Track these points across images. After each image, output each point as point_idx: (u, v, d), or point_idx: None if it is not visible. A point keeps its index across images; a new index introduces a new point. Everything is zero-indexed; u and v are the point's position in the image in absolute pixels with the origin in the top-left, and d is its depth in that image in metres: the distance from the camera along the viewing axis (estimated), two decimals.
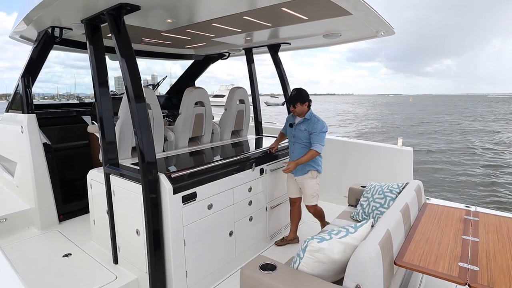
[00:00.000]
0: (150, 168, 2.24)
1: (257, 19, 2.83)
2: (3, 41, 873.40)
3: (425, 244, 1.95)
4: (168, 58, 5.02)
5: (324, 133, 3.01)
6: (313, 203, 3.23)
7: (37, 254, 3.02)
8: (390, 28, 3.08)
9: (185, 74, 5.56)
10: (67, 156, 4.06)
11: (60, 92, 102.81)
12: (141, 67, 2.60)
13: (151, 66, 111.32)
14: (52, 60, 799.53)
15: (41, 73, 3.63)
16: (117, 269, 2.72)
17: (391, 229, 1.90)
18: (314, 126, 3.00)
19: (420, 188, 2.82)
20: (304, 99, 3.01)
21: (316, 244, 1.70)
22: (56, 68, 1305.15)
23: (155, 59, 5.01)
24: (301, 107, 3.03)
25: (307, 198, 3.24)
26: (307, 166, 3.13)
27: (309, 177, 3.15)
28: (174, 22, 2.90)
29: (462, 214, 2.46)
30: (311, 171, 3.13)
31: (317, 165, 3.15)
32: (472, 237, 2.05)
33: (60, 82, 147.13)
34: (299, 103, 3.01)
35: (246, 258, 3.04)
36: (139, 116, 2.23)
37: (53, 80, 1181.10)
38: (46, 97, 54.47)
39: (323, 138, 3.01)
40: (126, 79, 2.24)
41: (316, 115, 3.11)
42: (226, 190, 2.80)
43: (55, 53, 12.00)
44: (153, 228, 2.27)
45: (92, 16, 2.53)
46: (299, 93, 3.04)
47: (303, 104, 3.02)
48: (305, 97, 3.02)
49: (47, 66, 58.17)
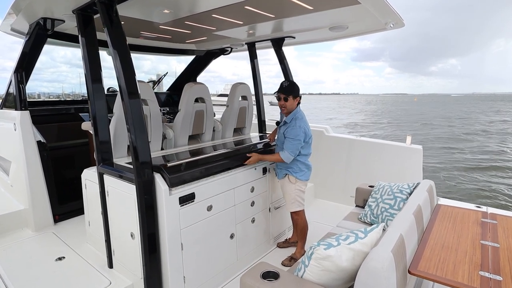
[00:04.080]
0: (144, 167, 2.10)
1: (259, 9, 2.67)
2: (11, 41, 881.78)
3: (441, 250, 1.80)
4: (169, 54, 4.87)
5: (298, 141, 2.70)
6: (293, 209, 2.96)
7: (29, 257, 2.90)
8: (399, 19, 2.91)
9: (187, 70, 5.42)
10: (64, 154, 3.94)
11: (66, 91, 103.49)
12: (146, 66, 2.47)
13: (156, 66, 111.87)
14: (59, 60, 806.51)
15: (47, 72, 3.62)
16: (112, 274, 2.59)
17: (404, 234, 1.74)
18: (290, 131, 2.73)
19: (432, 188, 2.66)
20: (297, 93, 2.78)
21: (323, 251, 1.56)
22: (62, 67, 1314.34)
23: (156, 54, 4.88)
24: (292, 102, 2.77)
25: (286, 203, 3.02)
26: (284, 170, 2.91)
27: (287, 182, 2.91)
28: (172, 13, 2.75)
29: (478, 216, 2.30)
30: (288, 175, 2.89)
31: (295, 172, 2.85)
32: (491, 242, 1.89)
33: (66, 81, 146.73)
34: (292, 96, 2.76)
35: (248, 262, 2.91)
36: (133, 113, 2.09)
37: (59, 79, 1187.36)
38: (51, 97, 54.54)
39: (296, 146, 2.71)
40: (119, 73, 2.10)
41: (300, 119, 2.77)
42: (227, 190, 2.66)
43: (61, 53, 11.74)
44: (148, 231, 2.13)
45: (83, 5, 2.39)
46: (293, 85, 2.80)
47: (295, 99, 2.78)
48: (297, 91, 2.79)
49: (54, 66, 58.17)
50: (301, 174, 2.87)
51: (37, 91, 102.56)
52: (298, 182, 2.89)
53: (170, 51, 4.72)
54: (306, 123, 2.80)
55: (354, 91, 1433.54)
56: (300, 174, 2.86)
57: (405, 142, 4.06)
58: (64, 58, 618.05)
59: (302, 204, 2.97)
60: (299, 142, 2.71)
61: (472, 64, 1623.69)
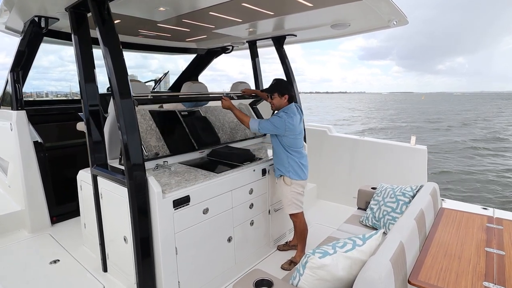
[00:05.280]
0: (136, 170, 2.05)
1: (257, 6, 2.60)
2: None
3: (443, 258, 1.72)
4: (170, 52, 4.83)
5: (273, 125, 2.63)
6: (290, 211, 2.90)
7: (23, 260, 2.87)
8: (403, 16, 2.81)
9: (188, 69, 5.37)
10: (63, 155, 3.91)
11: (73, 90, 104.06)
12: (154, 65, 2.41)
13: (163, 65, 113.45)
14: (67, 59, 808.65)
15: (55, 71, 3.58)
16: (106, 278, 2.55)
17: (405, 241, 1.67)
18: (273, 117, 2.72)
19: (436, 191, 2.57)
20: (283, 90, 2.72)
21: (318, 260, 1.49)
22: (70, 66, 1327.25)
23: (156, 53, 4.84)
24: (279, 100, 2.73)
25: (284, 205, 2.96)
26: (277, 169, 2.86)
27: (283, 183, 2.85)
28: (168, 10, 2.69)
29: (483, 221, 2.20)
30: (283, 176, 2.83)
31: (287, 171, 2.79)
32: (496, 250, 1.80)
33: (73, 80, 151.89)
34: (277, 93, 2.71)
35: (247, 266, 2.85)
36: (124, 113, 2.04)
37: (67, 78, 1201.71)
38: (59, 95, 54.95)
39: (267, 127, 2.66)
40: (110, 72, 2.05)
41: (287, 114, 2.68)
42: (224, 192, 2.60)
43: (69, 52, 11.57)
44: (140, 235, 2.08)
45: (76, 3, 2.34)
46: (278, 83, 2.77)
47: (282, 97, 2.72)
48: (284, 89, 2.73)
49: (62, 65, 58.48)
50: (294, 174, 2.79)
51: (45, 89, 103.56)
52: (294, 184, 2.81)
53: (170, 50, 4.67)
54: (292, 119, 2.68)
55: (361, 90, 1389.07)
56: (293, 174, 2.79)
57: (409, 142, 3.97)
58: (72, 57, 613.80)
59: (299, 206, 2.90)
60: (273, 127, 2.65)
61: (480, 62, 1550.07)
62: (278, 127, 2.64)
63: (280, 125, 2.63)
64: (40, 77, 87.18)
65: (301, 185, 2.86)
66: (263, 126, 2.68)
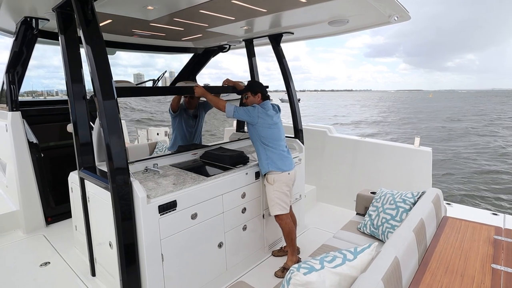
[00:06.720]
0: (119, 173, 1.95)
1: (248, 3, 2.47)
2: None
3: (444, 275, 1.57)
4: (167, 52, 4.73)
5: (246, 112, 2.73)
6: (273, 212, 2.80)
7: (14, 261, 2.84)
8: (404, 11, 2.66)
9: (185, 69, 5.26)
10: (59, 155, 3.87)
11: None
12: (160, 64, 2.32)
13: (169, 63, 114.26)
14: None
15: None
16: (94, 282, 2.48)
17: (400, 257, 1.52)
18: (248, 107, 2.82)
19: (439, 198, 2.40)
20: (255, 89, 2.88)
21: (302, 277, 1.36)
22: None
23: (153, 52, 4.74)
24: (253, 99, 2.88)
25: (269, 206, 2.86)
26: (260, 167, 2.85)
27: (266, 183, 2.82)
28: (157, 9, 2.59)
29: (491, 233, 2.04)
30: (266, 175, 2.80)
31: (266, 165, 2.77)
32: (504, 267, 1.64)
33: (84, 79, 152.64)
34: (250, 92, 2.88)
35: (240, 271, 2.76)
36: (107, 114, 1.95)
37: None
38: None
39: (240, 112, 2.74)
40: (93, 72, 1.97)
41: (261, 108, 2.77)
42: (215, 197, 2.49)
43: None
44: (124, 241, 1.99)
45: (61, 3, 2.28)
46: (250, 84, 3.00)
47: (255, 95, 2.87)
48: (257, 87, 2.90)
49: None
50: (272, 165, 2.76)
51: (55, 88, 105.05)
52: (277, 182, 2.74)
53: (167, 49, 4.57)
54: (265, 110, 2.78)
55: (367, 88, 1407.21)
56: (272, 165, 2.76)
57: (413, 144, 3.80)
58: (83, 56, 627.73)
59: (283, 207, 2.79)
60: (247, 113, 2.74)
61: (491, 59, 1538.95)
62: (251, 115, 2.74)
63: (253, 113, 2.74)
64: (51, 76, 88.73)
65: (285, 183, 2.77)
66: (238, 110, 2.76)
